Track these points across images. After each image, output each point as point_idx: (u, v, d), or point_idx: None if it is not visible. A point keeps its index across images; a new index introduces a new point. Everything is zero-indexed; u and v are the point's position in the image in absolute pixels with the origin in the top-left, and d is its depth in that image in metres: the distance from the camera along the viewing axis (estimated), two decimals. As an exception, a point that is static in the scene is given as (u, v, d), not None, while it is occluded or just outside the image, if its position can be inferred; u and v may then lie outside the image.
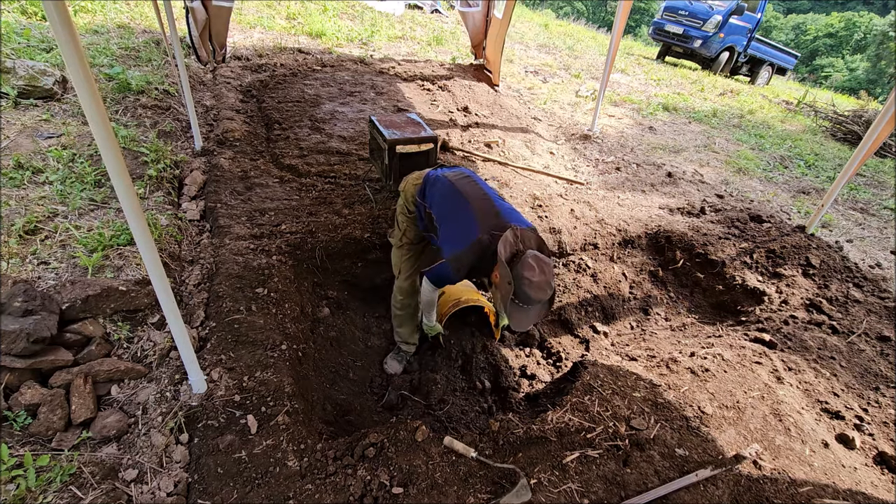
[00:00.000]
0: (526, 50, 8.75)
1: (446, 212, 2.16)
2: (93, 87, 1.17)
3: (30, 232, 2.22)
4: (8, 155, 2.62)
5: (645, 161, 5.08)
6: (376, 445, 1.83)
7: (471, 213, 2.07)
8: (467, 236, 2.00)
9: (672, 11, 11.51)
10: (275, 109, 4.28)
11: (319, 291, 2.90)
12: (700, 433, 2.02)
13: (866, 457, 2.14)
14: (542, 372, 2.89)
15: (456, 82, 5.74)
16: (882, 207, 4.94)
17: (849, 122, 7.81)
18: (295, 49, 5.82)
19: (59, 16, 1.07)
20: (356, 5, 8.23)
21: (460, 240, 2.03)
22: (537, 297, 1.78)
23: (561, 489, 1.74)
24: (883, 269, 3.63)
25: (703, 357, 2.50)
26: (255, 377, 1.96)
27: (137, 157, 2.99)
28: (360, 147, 3.86)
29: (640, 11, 35.25)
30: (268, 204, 3.03)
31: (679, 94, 8.12)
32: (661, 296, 3.49)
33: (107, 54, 4.05)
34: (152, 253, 1.48)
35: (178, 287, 2.33)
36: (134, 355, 1.95)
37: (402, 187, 2.49)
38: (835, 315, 2.99)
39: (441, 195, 2.21)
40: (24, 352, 1.67)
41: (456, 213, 2.12)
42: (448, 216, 2.15)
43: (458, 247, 2.02)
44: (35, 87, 3.16)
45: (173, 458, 1.67)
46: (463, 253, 2.00)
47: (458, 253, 2.01)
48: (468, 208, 2.08)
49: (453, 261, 2.03)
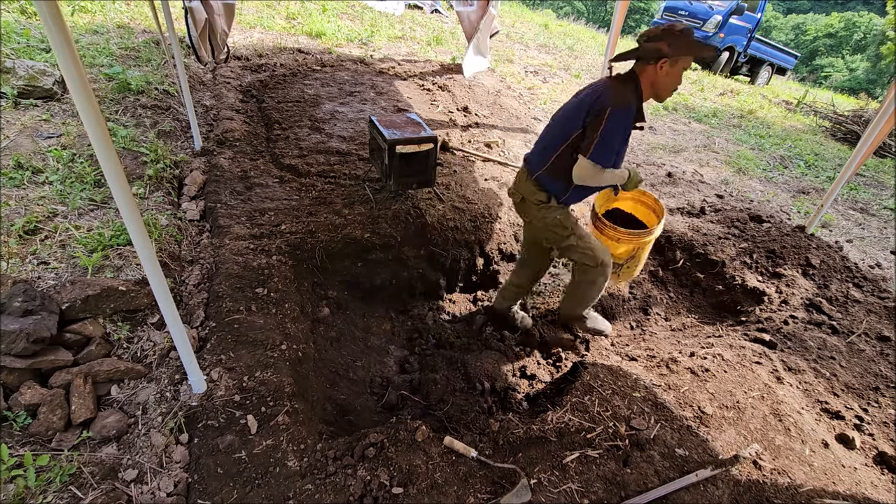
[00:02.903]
0: (526, 50, 8.75)
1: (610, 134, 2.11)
2: (87, 87, 1.16)
3: (30, 232, 2.22)
4: (8, 155, 2.62)
5: (645, 161, 5.08)
6: (376, 445, 1.83)
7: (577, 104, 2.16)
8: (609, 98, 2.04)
9: (672, 11, 11.52)
10: (275, 109, 4.28)
11: (319, 291, 2.90)
12: (700, 433, 2.02)
13: (866, 457, 2.14)
14: (541, 372, 2.88)
15: (456, 82, 5.74)
16: (882, 207, 4.94)
17: (848, 122, 7.82)
18: (295, 49, 5.82)
19: (51, 17, 1.06)
20: (356, 5, 8.23)
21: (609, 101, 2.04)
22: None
23: (561, 489, 1.74)
24: (883, 269, 3.63)
25: (702, 357, 2.50)
26: (255, 377, 1.96)
27: (137, 157, 2.99)
28: (360, 147, 3.86)
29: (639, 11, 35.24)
30: (268, 204, 3.03)
31: (679, 93, 8.12)
32: (661, 296, 3.49)
33: (106, 54, 4.05)
34: (150, 254, 1.48)
35: (178, 287, 2.33)
36: (134, 355, 1.95)
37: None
38: (835, 315, 2.99)
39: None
40: (24, 352, 1.67)
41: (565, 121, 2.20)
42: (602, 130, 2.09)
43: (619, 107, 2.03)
44: (35, 87, 3.16)
45: (173, 459, 1.67)
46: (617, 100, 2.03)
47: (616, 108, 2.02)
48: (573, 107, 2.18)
49: (617, 104, 2.01)
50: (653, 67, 2.05)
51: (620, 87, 2.08)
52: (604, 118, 2.00)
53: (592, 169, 2.11)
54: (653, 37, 2.02)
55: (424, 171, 3.16)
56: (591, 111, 2.07)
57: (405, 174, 3.11)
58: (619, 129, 2.07)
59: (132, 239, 1.44)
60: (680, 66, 2.04)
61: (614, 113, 2.00)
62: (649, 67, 2.06)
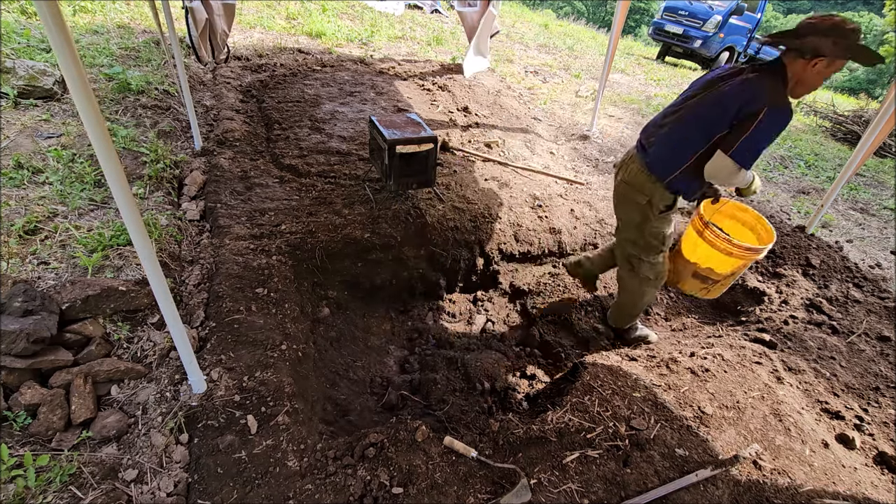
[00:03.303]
0: (526, 50, 8.75)
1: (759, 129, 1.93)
2: (87, 87, 1.16)
3: (30, 232, 2.22)
4: (8, 155, 2.62)
5: (645, 161, 5.07)
6: (376, 445, 1.83)
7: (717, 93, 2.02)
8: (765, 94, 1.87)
9: (672, 11, 11.51)
10: (275, 109, 4.28)
11: (319, 291, 2.90)
12: (700, 433, 2.02)
13: (866, 457, 2.14)
14: (541, 372, 2.88)
15: (456, 82, 5.74)
16: (882, 207, 4.94)
17: (849, 122, 7.82)
18: (295, 49, 5.82)
19: (51, 17, 1.06)
20: (356, 5, 8.23)
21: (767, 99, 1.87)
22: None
23: (561, 489, 1.74)
24: (883, 269, 3.63)
25: (703, 357, 2.50)
26: (255, 377, 1.96)
27: (137, 157, 2.99)
28: (360, 147, 3.86)
29: (639, 11, 35.23)
30: (268, 204, 3.03)
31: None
32: (660, 296, 3.49)
33: (107, 54, 4.05)
34: (150, 254, 1.48)
35: (178, 287, 2.33)
36: (134, 355, 1.95)
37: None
38: (835, 315, 2.99)
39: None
40: (24, 352, 1.67)
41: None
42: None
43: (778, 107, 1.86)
44: (35, 87, 3.16)
45: (173, 459, 1.67)
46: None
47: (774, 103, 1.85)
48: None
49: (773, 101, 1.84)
50: (805, 63, 1.87)
51: (773, 83, 1.90)
52: (759, 118, 1.84)
53: (731, 168, 1.94)
54: (819, 30, 1.80)
55: (424, 171, 3.16)
56: (742, 111, 1.90)
57: (405, 174, 3.11)
58: (771, 132, 1.91)
59: (132, 239, 1.44)
60: (833, 68, 1.87)
61: (771, 113, 1.84)
62: (800, 62, 1.87)
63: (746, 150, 1.89)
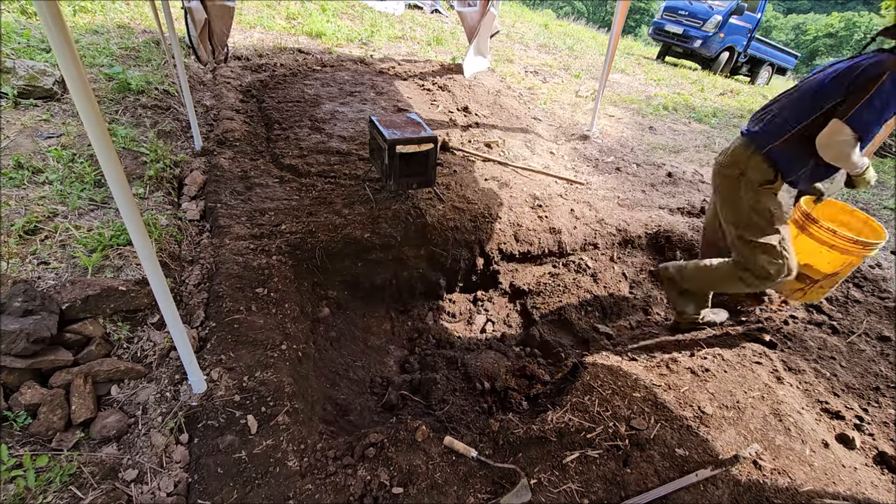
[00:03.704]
0: (526, 50, 8.75)
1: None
2: (87, 87, 1.16)
3: (30, 232, 2.22)
4: (8, 155, 2.62)
5: (645, 161, 5.08)
6: (376, 445, 1.83)
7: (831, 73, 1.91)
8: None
9: (672, 11, 11.52)
10: (275, 109, 4.28)
11: (319, 291, 2.90)
12: (700, 433, 2.02)
13: (866, 457, 2.14)
14: (542, 372, 2.88)
15: (456, 82, 5.74)
16: (882, 207, 4.94)
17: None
18: (295, 49, 5.82)
19: (51, 17, 1.06)
20: (356, 5, 8.23)
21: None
22: None
23: (561, 489, 1.74)
24: (883, 269, 3.63)
25: (703, 357, 2.50)
26: (255, 377, 1.96)
27: (137, 157, 2.99)
28: (360, 147, 3.86)
29: (640, 11, 35.24)
30: (268, 204, 3.03)
31: (679, 94, 8.12)
32: (661, 296, 3.49)
33: (107, 54, 4.05)
34: (150, 254, 1.48)
35: (178, 287, 2.33)
36: (134, 355, 1.95)
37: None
38: (835, 315, 2.99)
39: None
40: (24, 352, 1.66)
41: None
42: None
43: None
44: (35, 87, 3.16)
45: (173, 459, 1.67)
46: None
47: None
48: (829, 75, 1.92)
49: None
50: None
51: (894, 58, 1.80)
52: (880, 81, 1.73)
53: (846, 137, 1.80)
54: None
55: (424, 171, 3.16)
56: (861, 76, 1.79)
57: (405, 174, 3.11)
58: (892, 98, 1.77)
59: (132, 239, 1.44)
60: None
61: (895, 76, 1.72)
62: None
63: (864, 114, 1.75)
